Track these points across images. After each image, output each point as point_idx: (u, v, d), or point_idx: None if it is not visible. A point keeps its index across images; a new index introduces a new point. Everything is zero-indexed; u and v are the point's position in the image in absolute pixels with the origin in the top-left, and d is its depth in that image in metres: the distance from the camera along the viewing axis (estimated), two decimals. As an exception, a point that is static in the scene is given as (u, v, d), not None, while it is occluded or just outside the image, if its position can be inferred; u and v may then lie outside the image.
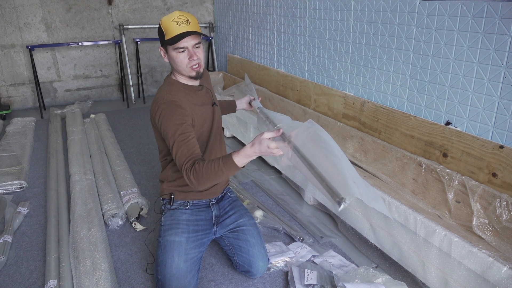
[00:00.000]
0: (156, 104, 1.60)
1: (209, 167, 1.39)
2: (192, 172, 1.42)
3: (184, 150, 1.48)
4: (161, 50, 1.64)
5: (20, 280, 1.79)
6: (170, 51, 1.59)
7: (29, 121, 3.92)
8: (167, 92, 1.62)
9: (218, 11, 5.03)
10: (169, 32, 1.54)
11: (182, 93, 1.64)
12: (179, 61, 1.58)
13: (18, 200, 2.50)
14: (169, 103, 1.57)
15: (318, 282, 1.67)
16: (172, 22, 1.54)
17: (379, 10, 2.33)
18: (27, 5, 4.32)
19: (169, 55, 1.60)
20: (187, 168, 1.44)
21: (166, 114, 1.55)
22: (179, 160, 1.48)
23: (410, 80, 2.20)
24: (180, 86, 1.66)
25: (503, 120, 1.73)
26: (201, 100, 1.70)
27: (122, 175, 2.65)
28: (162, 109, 1.56)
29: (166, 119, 1.55)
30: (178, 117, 1.54)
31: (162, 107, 1.56)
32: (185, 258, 1.60)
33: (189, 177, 1.43)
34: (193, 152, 1.48)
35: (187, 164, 1.45)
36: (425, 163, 1.93)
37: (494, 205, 1.59)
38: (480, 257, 1.42)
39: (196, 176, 1.41)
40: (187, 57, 1.58)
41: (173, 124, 1.53)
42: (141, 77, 4.96)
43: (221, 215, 1.82)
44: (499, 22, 1.69)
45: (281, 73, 3.48)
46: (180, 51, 1.57)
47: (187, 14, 1.60)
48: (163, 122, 1.55)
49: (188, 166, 1.44)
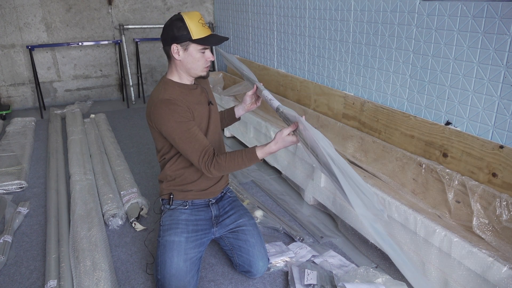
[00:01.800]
0: (152, 103, 1.60)
1: (232, 160, 1.54)
2: (214, 164, 1.54)
3: (196, 145, 1.55)
4: (176, 46, 1.58)
5: (20, 280, 1.79)
6: (191, 50, 1.58)
7: (29, 121, 3.92)
8: (163, 91, 1.62)
9: (218, 11, 5.03)
10: (197, 33, 1.55)
11: (177, 91, 1.64)
12: (197, 61, 1.61)
13: (18, 200, 2.50)
14: (166, 102, 1.56)
15: (318, 282, 1.67)
16: (199, 23, 1.56)
17: (379, 10, 2.33)
18: (27, 5, 4.32)
19: (188, 53, 1.58)
20: (206, 161, 1.55)
21: (165, 113, 1.55)
22: (193, 155, 1.56)
23: (410, 80, 2.20)
24: (174, 85, 1.65)
25: (503, 120, 1.73)
26: (197, 99, 1.70)
27: (122, 175, 2.65)
28: (159, 108, 1.56)
29: (166, 117, 1.55)
30: (178, 114, 1.55)
31: (159, 106, 1.56)
32: (184, 258, 1.61)
33: (209, 169, 1.55)
34: (205, 145, 1.57)
35: (205, 157, 1.55)
36: (425, 163, 1.93)
37: (494, 205, 1.59)
38: (480, 257, 1.42)
39: (218, 168, 1.54)
40: (205, 59, 1.62)
41: (175, 122, 1.54)
42: (141, 77, 4.96)
43: (221, 215, 1.82)
44: (499, 22, 1.69)
45: (281, 73, 3.48)
46: (203, 52, 1.60)
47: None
48: (163, 121, 1.55)
49: (206, 159, 1.55)
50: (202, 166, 1.55)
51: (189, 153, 1.56)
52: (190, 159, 1.58)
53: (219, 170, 1.55)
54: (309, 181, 2.43)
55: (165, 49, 1.62)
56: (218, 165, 1.54)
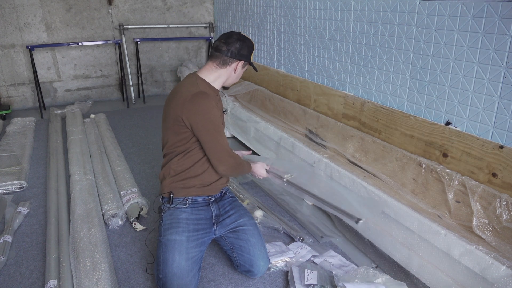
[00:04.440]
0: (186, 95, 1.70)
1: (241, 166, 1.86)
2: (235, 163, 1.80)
3: (225, 141, 1.77)
4: (242, 63, 1.80)
5: (20, 280, 1.79)
6: (241, 68, 1.81)
7: (29, 121, 3.92)
8: (197, 86, 1.73)
9: (218, 11, 5.03)
10: (251, 56, 1.83)
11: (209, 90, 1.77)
12: (238, 77, 1.85)
13: (18, 200, 2.50)
14: (205, 95, 1.70)
15: (318, 282, 1.67)
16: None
17: (379, 10, 2.33)
18: (27, 5, 4.32)
19: (241, 71, 1.83)
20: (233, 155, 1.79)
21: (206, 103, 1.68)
22: (222, 149, 1.74)
23: (410, 80, 2.20)
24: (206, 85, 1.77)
25: (503, 120, 1.73)
26: (217, 103, 1.83)
27: (122, 175, 2.65)
28: (199, 98, 1.68)
29: (206, 108, 1.67)
30: (217, 108, 1.73)
31: (200, 96, 1.69)
32: (186, 257, 1.61)
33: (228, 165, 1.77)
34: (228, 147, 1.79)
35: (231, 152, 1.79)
36: (425, 163, 1.93)
37: (494, 205, 1.59)
38: (478, 256, 1.42)
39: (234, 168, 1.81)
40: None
41: (215, 115, 1.71)
42: (141, 77, 4.96)
43: (221, 214, 1.83)
44: (499, 22, 1.69)
45: (281, 73, 3.48)
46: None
47: None
48: (202, 111, 1.66)
49: (233, 154, 1.79)
50: (224, 161, 1.74)
51: (218, 145, 1.72)
52: (215, 151, 1.72)
53: (232, 171, 1.81)
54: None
55: (228, 59, 1.75)
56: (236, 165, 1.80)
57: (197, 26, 5.23)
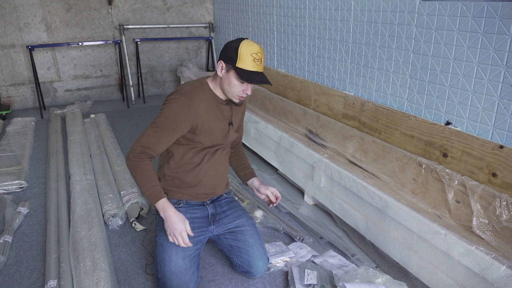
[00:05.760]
0: (176, 92, 1.63)
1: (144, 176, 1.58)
2: (136, 160, 1.57)
3: (152, 138, 1.58)
4: (222, 64, 1.59)
5: (20, 280, 1.79)
6: (231, 75, 1.57)
7: (29, 121, 3.92)
8: (194, 89, 1.64)
9: (218, 11, 5.03)
10: (243, 63, 1.53)
11: (205, 99, 1.64)
12: (232, 88, 1.60)
13: (18, 200, 2.50)
14: (185, 96, 1.60)
15: (318, 282, 1.67)
16: (251, 56, 1.54)
17: (379, 10, 2.33)
18: (27, 5, 4.32)
19: (228, 76, 1.58)
20: (138, 152, 1.57)
21: (176, 104, 1.58)
22: (140, 140, 1.59)
23: (410, 80, 2.20)
24: (207, 91, 1.66)
25: (503, 120, 1.73)
26: (220, 113, 1.69)
27: (122, 175, 2.65)
28: (176, 94, 1.61)
29: (171, 105, 1.58)
30: (179, 116, 1.57)
31: (179, 93, 1.61)
32: (183, 256, 1.61)
33: (129, 159, 1.58)
34: (153, 148, 1.59)
35: (140, 149, 1.57)
36: (425, 163, 1.93)
37: (494, 205, 1.59)
38: (478, 256, 1.42)
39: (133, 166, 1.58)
40: (242, 89, 1.60)
41: (171, 116, 1.57)
42: (141, 77, 4.96)
43: (218, 213, 1.81)
44: (499, 22, 1.69)
45: (281, 73, 3.48)
46: (242, 82, 1.57)
47: (263, 52, 1.60)
48: (166, 106, 1.59)
49: (139, 152, 1.57)
50: (131, 151, 1.58)
51: (142, 136, 1.59)
52: (137, 140, 1.61)
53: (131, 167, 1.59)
54: (309, 181, 2.43)
55: (218, 60, 1.62)
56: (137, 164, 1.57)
57: (197, 26, 5.23)
